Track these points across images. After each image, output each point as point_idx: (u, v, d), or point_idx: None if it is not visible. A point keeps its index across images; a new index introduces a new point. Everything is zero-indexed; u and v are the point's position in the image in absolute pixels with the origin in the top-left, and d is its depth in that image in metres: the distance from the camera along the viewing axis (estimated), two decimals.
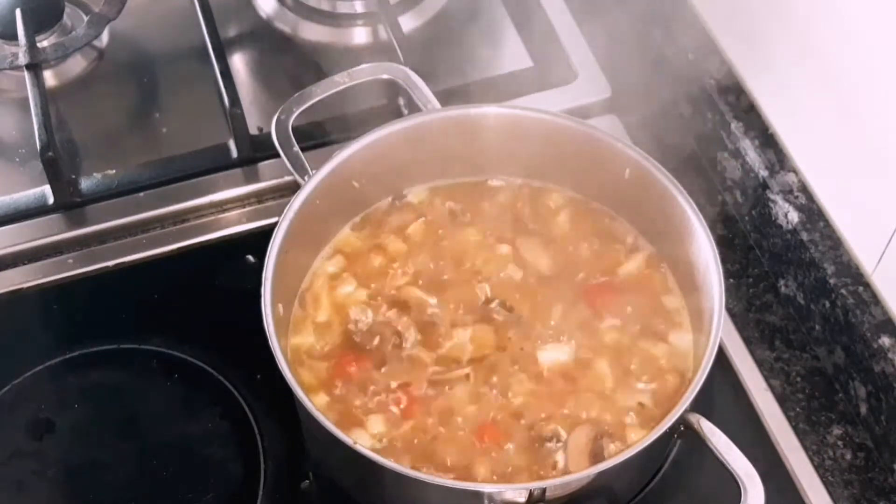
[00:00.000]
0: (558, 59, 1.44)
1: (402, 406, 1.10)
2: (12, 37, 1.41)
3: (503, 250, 1.21)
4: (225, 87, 1.35)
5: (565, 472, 1.05)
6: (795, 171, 1.24)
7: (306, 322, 1.16)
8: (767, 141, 1.27)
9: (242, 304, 1.08)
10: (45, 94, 1.34)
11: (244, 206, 1.33)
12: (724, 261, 1.10)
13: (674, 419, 1.00)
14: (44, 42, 1.43)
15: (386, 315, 1.16)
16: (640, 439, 1.03)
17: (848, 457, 1.16)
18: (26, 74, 1.36)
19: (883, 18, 1.05)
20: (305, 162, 1.20)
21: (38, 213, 1.31)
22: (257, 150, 1.35)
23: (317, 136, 1.34)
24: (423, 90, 1.26)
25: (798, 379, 1.21)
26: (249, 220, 1.32)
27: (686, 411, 1.01)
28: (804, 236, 1.20)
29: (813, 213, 1.21)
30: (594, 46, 1.45)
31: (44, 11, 1.45)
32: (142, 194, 1.33)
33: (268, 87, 1.46)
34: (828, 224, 1.20)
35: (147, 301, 1.26)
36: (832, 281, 1.17)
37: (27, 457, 1.14)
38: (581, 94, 1.41)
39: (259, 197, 1.34)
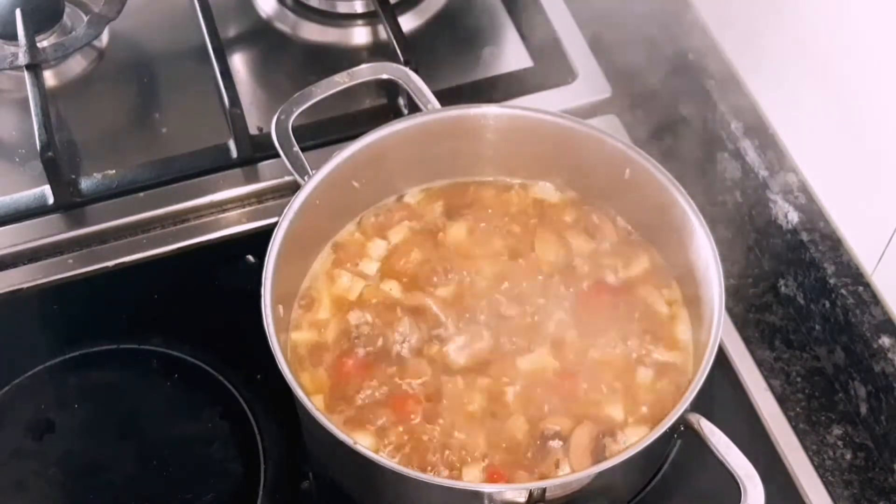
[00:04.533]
0: (558, 59, 1.44)
1: (401, 407, 1.10)
2: (12, 37, 1.41)
3: (503, 251, 1.21)
4: (225, 87, 1.35)
5: (566, 472, 1.05)
6: (795, 171, 1.24)
7: (306, 322, 1.16)
8: (767, 141, 1.27)
9: (242, 304, 1.08)
10: (45, 94, 1.34)
11: (244, 206, 1.33)
12: (724, 261, 1.10)
13: (674, 419, 1.00)
14: (44, 42, 1.43)
15: (386, 317, 1.16)
16: (640, 439, 1.03)
17: (848, 457, 1.16)
18: (26, 74, 1.36)
19: (883, 19, 1.05)
20: (305, 162, 1.20)
21: (38, 213, 1.31)
22: (257, 150, 1.35)
23: (317, 136, 1.34)
24: (423, 90, 1.26)
25: (798, 379, 1.21)
26: (249, 220, 1.32)
27: (686, 411, 1.01)
28: (804, 236, 1.20)
29: (813, 213, 1.21)
30: (594, 46, 1.45)
31: (44, 11, 1.45)
32: (142, 194, 1.33)
33: (268, 87, 1.46)
34: (828, 224, 1.20)
35: (147, 301, 1.26)
36: (832, 281, 1.17)
37: (27, 457, 1.14)
38: (581, 94, 1.41)
39: (259, 197, 1.34)
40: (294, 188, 1.18)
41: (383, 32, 1.45)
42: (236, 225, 1.31)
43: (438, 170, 1.26)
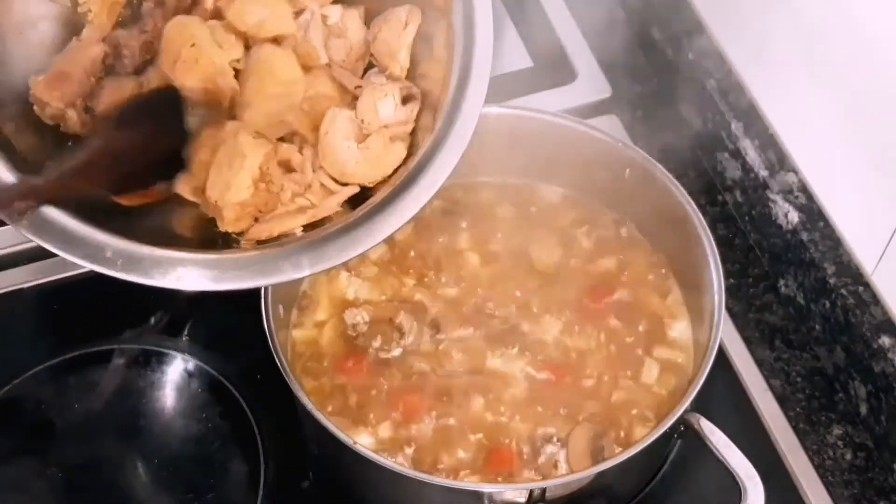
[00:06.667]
0: (558, 59, 1.44)
1: (401, 406, 1.10)
2: None
3: (503, 251, 1.21)
4: None
5: (566, 472, 1.05)
6: (795, 171, 1.24)
7: (306, 322, 1.16)
8: (767, 141, 1.27)
9: (242, 304, 1.08)
10: None
11: None
12: (724, 261, 1.10)
13: (674, 419, 1.00)
14: None
15: (384, 316, 1.15)
16: (640, 439, 1.03)
17: (848, 457, 1.16)
18: None
19: (884, 19, 1.05)
20: None
21: None
22: None
23: None
24: None
25: (798, 379, 1.21)
26: None
27: (686, 411, 1.01)
28: (804, 236, 1.20)
29: (813, 213, 1.21)
30: (594, 46, 1.45)
31: None
32: None
33: None
34: (828, 224, 1.20)
35: (147, 301, 1.25)
36: (832, 281, 1.17)
37: (27, 457, 1.14)
38: (581, 94, 1.41)
39: None
40: None
41: None
42: None
43: None
